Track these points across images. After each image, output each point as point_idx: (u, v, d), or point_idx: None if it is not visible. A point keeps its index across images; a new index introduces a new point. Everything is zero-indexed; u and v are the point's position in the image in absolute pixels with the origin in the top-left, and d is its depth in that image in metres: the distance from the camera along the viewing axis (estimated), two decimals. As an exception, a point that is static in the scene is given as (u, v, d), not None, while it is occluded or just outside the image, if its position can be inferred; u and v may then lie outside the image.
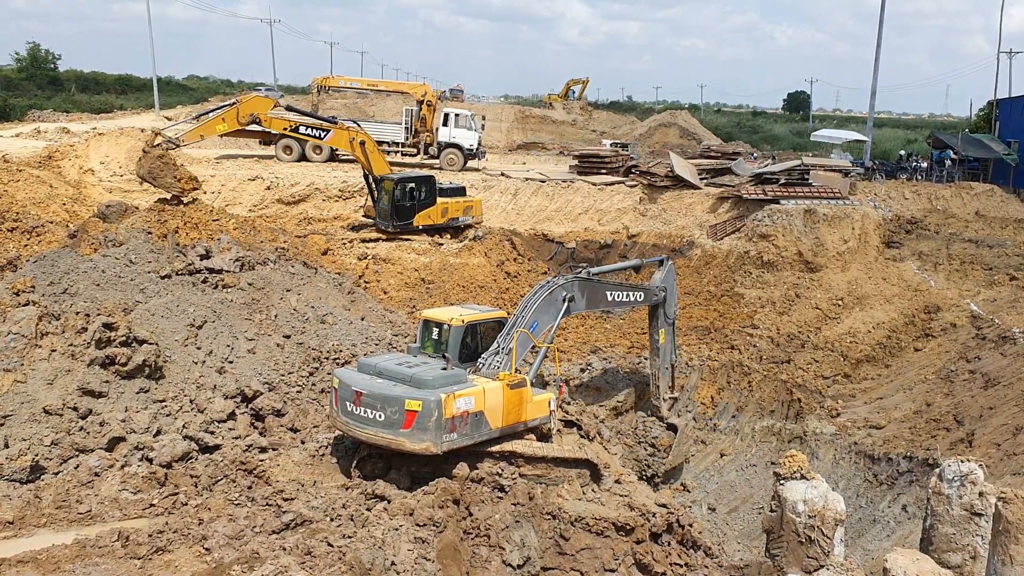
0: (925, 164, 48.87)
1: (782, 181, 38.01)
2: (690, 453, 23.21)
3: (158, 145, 26.41)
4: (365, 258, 30.94)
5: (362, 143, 31.15)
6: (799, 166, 39.48)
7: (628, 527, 13.48)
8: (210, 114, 28.85)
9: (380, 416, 13.65)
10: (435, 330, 15.78)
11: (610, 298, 19.60)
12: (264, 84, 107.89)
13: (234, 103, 28.55)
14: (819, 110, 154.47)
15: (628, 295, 20.43)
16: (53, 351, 15.32)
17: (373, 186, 32.27)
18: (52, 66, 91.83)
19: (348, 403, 14.08)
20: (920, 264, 33.96)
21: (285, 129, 30.35)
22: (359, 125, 33.62)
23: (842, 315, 30.62)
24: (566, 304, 17.34)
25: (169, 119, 67.42)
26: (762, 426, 24.17)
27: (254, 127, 30.63)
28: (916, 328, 29.07)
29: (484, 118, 50.40)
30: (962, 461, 11.11)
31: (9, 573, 11.10)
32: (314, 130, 30.64)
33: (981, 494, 10.75)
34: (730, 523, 21.29)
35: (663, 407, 22.33)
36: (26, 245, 25.07)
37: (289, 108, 32.22)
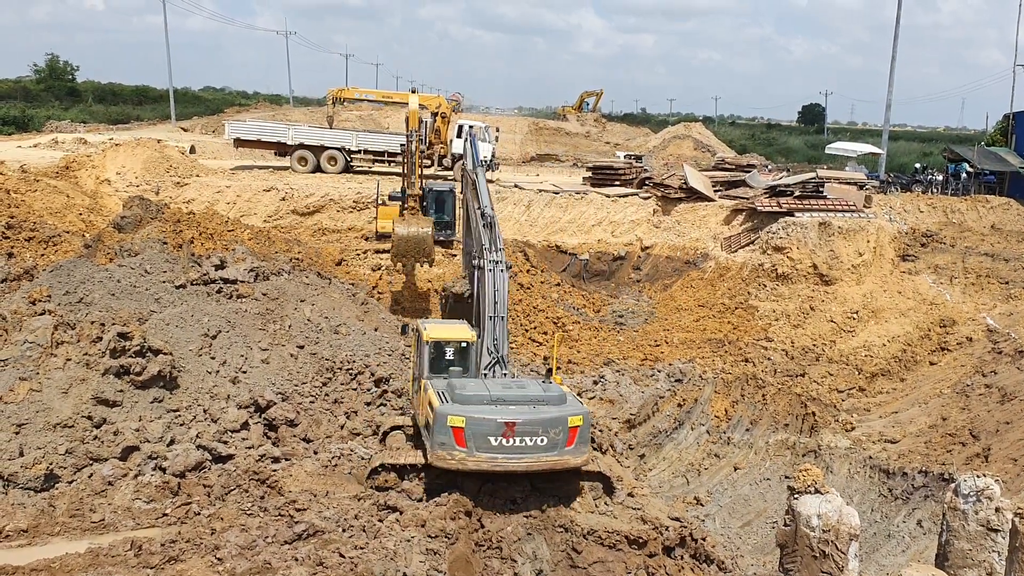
0: (941, 177, 48.52)
1: (797, 193, 37.89)
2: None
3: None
4: (379, 269, 31.04)
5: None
6: (814, 178, 39.35)
7: (641, 540, 13.41)
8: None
9: (543, 440, 13.74)
10: (448, 350, 15.70)
11: (479, 208, 19.19)
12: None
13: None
14: (834, 122, 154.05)
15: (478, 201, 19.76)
16: (68, 360, 15.42)
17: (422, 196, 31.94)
18: (70, 77, 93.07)
19: (493, 438, 13.59)
20: (936, 277, 33.70)
21: None
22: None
23: (857, 328, 30.45)
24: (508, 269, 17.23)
25: (185, 130, 68.09)
26: (776, 440, 23.99)
27: None
28: (931, 342, 28.85)
29: (498, 130, 50.51)
30: (978, 476, 11.00)
31: (23, 581, 11.16)
32: None
33: (998, 509, 10.63)
34: (744, 537, 21.13)
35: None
36: (43, 255, 25.28)
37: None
